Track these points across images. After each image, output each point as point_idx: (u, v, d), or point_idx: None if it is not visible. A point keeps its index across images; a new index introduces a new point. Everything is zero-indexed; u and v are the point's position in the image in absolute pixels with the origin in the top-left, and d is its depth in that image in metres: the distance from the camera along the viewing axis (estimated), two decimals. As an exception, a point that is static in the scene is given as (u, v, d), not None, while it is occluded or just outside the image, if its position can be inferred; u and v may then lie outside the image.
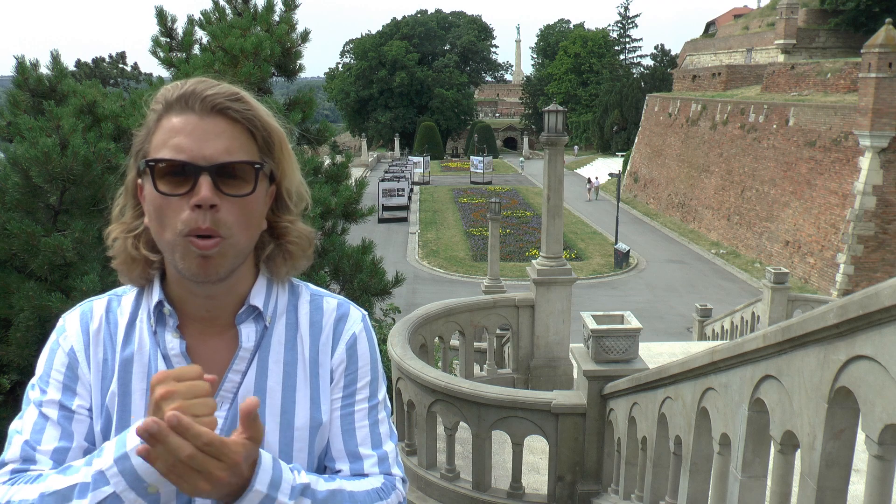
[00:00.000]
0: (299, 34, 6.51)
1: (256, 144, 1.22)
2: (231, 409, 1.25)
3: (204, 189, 1.15)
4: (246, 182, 1.19)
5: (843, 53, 40.30)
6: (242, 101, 1.21)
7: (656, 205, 44.26)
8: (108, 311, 1.32)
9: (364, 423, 1.36)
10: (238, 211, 1.19)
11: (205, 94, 1.19)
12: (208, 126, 1.18)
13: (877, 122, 24.72)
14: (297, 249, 1.32)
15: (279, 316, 1.33)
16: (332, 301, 1.40)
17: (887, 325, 2.11)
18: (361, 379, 1.37)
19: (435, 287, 27.26)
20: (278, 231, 1.30)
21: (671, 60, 69.00)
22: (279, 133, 1.26)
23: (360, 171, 55.49)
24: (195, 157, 1.16)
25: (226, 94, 1.20)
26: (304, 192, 1.34)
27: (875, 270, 25.00)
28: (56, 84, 5.24)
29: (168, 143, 1.18)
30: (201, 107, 1.19)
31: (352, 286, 6.21)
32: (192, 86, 1.21)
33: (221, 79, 1.28)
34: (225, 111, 1.19)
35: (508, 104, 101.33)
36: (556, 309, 10.23)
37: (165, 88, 1.23)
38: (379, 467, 1.35)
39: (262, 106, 1.25)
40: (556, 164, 10.55)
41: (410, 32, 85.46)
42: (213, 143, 1.17)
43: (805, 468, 2.68)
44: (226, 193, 1.17)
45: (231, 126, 1.20)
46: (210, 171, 1.16)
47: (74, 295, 4.11)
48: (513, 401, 6.41)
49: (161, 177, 1.17)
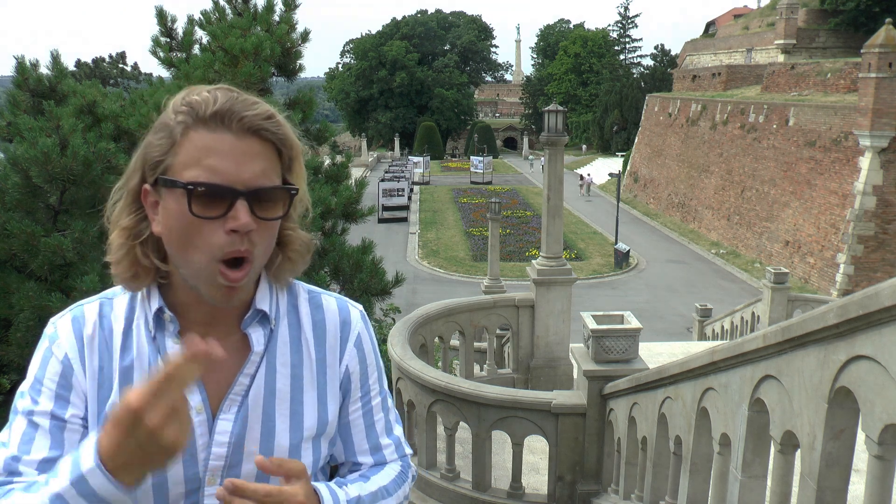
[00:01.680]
0: (299, 34, 6.50)
1: (282, 163, 1.22)
2: (241, 413, 1.25)
3: (242, 215, 1.13)
4: (279, 205, 1.20)
5: (843, 53, 40.29)
6: (274, 120, 1.20)
7: (656, 205, 44.26)
8: (101, 315, 1.29)
9: (380, 415, 1.44)
10: (267, 233, 1.20)
11: (243, 115, 1.16)
12: (245, 147, 1.16)
13: (877, 122, 24.72)
14: (298, 256, 1.32)
15: (282, 317, 1.33)
16: (330, 300, 1.41)
17: (887, 325, 2.11)
18: (371, 375, 1.42)
19: (435, 287, 27.25)
20: (283, 240, 1.30)
21: (671, 60, 68.98)
22: (299, 149, 1.25)
23: (360, 171, 55.48)
24: (233, 180, 1.14)
25: (262, 115, 1.17)
26: (308, 202, 1.34)
27: (875, 270, 25.00)
28: (56, 84, 5.24)
29: (202, 163, 1.14)
30: (238, 126, 1.15)
31: (352, 286, 6.20)
32: (228, 103, 1.16)
33: (229, 82, 1.28)
34: (260, 132, 1.17)
35: (508, 104, 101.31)
36: (556, 309, 10.23)
37: (194, 99, 1.18)
38: (396, 452, 1.46)
39: (287, 122, 1.24)
40: (556, 164, 10.56)
41: (410, 32, 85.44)
42: (249, 165, 1.15)
43: (805, 468, 2.68)
44: (261, 217, 1.16)
45: (264, 147, 1.18)
46: (247, 196, 1.14)
47: (74, 295, 4.11)
48: (513, 401, 6.41)
49: (195, 198, 1.14)
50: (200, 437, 1.23)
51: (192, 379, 1.02)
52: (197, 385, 1.24)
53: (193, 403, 1.24)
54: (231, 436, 1.24)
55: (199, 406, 1.24)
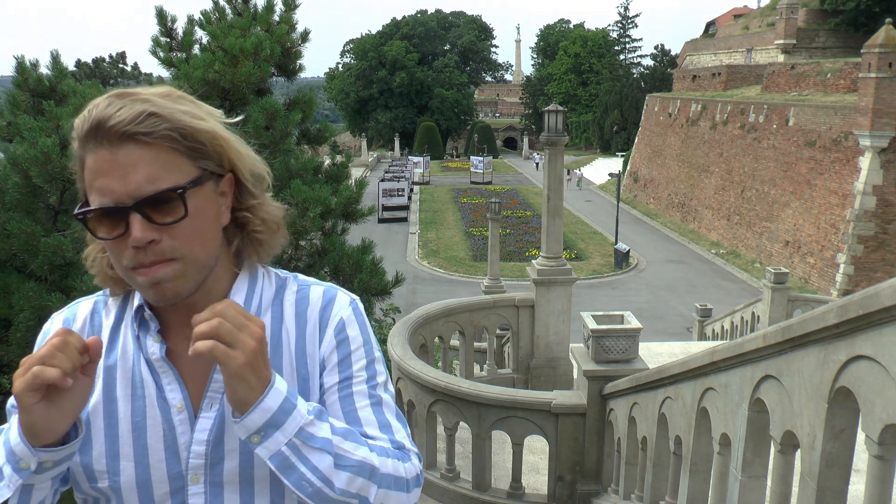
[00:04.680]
0: (299, 34, 6.50)
1: (184, 154, 1.15)
2: (219, 410, 1.24)
3: (136, 230, 1.11)
4: (176, 206, 1.13)
5: (843, 53, 40.29)
6: (153, 116, 1.12)
7: (656, 205, 44.26)
8: (94, 312, 1.31)
9: (365, 403, 1.31)
10: (182, 234, 1.14)
11: (108, 125, 1.10)
12: (122, 158, 1.10)
13: (877, 122, 24.72)
14: (264, 235, 1.27)
15: (264, 311, 1.30)
16: (318, 289, 1.35)
17: (887, 325, 2.11)
18: (357, 362, 1.31)
19: (435, 287, 27.25)
20: (240, 220, 1.26)
21: (671, 60, 68.99)
22: (207, 129, 1.17)
23: (360, 171, 55.47)
24: (119, 197, 1.11)
25: (130, 119, 1.11)
26: (262, 170, 1.27)
27: (875, 270, 25.00)
28: (56, 84, 5.23)
29: (94, 187, 1.13)
30: (109, 139, 1.11)
31: (352, 286, 6.20)
32: (97, 114, 1.12)
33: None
34: (134, 137, 1.11)
35: (508, 104, 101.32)
36: (556, 309, 10.23)
37: (78, 119, 1.15)
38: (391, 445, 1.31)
39: (180, 107, 1.16)
40: (556, 164, 10.56)
41: (410, 32, 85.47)
42: (131, 176, 1.10)
43: (805, 468, 2.68)
44: (160, 223, 1.12)
45: (146, 150, 1.11)
46: (137, 208, 1.11)
47: (74, 295, 4.11)
48: (513, 401, 6.41)
49: (95, 223, 1.14)
50: (182, 436, 1.23)
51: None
52: (178, 383, 1.24)
53: (175, 401, 1.24)
54: (209, 433, 1.23)
55: (180, 404, 1.24)
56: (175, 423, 1.23)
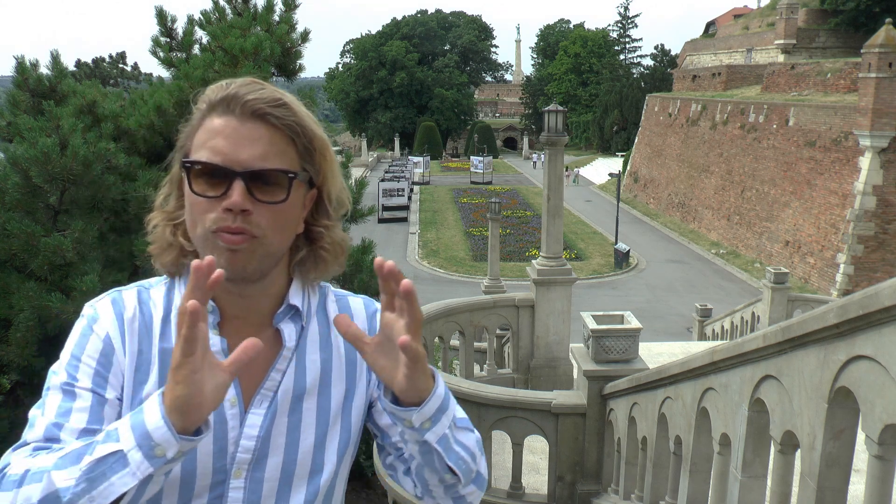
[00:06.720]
0: (299, 34, 6.49)
1: (297, 151, 1.23)
2: (271, 407, 1.27)
3: (236, 194, 1.16)
4: (280, 189, 1.20)
5: (843, 53, 40.28)
6: (285, 107, 1.21)
7: (656, 205, 44.26)
8: (141, 301, 1.32)
9: None
10: (271, 216, 1.20)
11: (246, 99, 1.19)
12: (246, 131, 1.19)
13: (877, 122, 24.73)
14: (329, 256, 1.33)
15: (312, 316, 1.35)
16: (356, 300, 1.44)
17: (887, 325, 2.11)
18: None
19: (435, 287, 27.23)
20: (313, 235, 1.31)
21: (671, 60, 68.97)
22: (322, 140, 1.26)
23: (360, 171, 55.47)
24: (230, 161, 1.17)
25: (267, 100, 1.20)
26: (346, 198, 1.34)
27: (875, 270, 25.00)
28: (56, 84, 5.23)
29: (206, 145, 1.19)
30: (241, 111, 1.19)
31: (352, 286, 6.20)
32: (235, 88, 1.21)
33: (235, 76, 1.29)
34: (265, 117, 1.19)
35: (508, 104, 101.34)
36: (556, 309, 10.23)
37: (211, 88, 1.24)
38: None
39: (306, 112, 1.25)
40: (556, 164, 10.56)
41: (410, 32, 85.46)
42: (249, 148, 1.18)
43: (805, 468, 2.68)
44: (259, 199, 1.18)
45: (270, 132, 1.20)
46: (244, 177, 1.17)
47: (74, 295, 4.11)
48: (513, 401, 6.41)
49: (197, 177, 1.19)
50: (232, 430, 1.25)
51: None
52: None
53: (228, 396, 1.24)
54: (260, 429, 1.26)
55: (233, 399, 1.25)
56: (227, 418, 1.25)
